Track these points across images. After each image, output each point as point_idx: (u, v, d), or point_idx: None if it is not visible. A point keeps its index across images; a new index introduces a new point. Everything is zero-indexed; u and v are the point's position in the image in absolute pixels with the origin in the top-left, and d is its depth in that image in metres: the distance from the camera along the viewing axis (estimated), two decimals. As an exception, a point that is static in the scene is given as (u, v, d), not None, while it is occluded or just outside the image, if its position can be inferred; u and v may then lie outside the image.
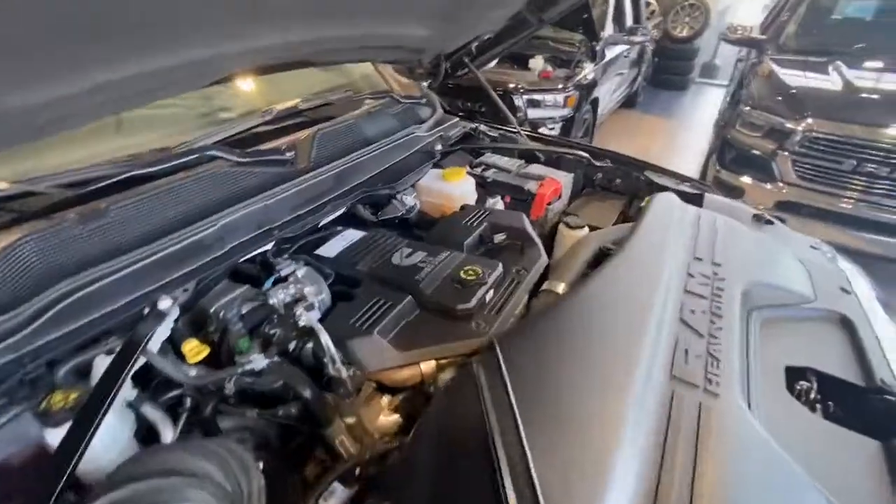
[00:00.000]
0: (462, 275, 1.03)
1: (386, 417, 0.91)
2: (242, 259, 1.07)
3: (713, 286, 1.03)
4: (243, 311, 0.95)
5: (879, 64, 3.21)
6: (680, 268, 1.07)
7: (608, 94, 4.87)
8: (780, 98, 3.09)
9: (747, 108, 3.19)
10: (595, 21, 4.12)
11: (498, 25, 1.69)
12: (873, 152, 2.69)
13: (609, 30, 4.40)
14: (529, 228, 1.28)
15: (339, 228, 1.32)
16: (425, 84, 1.88)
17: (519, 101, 3.62)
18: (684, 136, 5.97)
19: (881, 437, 0.82)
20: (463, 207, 1.43)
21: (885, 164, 2.67)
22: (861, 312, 1.11)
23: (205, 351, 0.86)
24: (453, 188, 1.50)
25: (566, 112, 3.77)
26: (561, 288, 1.08)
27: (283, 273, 1.04)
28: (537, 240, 1.25)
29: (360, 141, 1.49)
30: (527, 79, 3.76)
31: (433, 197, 1.53)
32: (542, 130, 3.70)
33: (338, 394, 0.88)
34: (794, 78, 3.21)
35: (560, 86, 3.72)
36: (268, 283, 1.03)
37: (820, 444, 0.81)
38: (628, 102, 6.58)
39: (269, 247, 1.13)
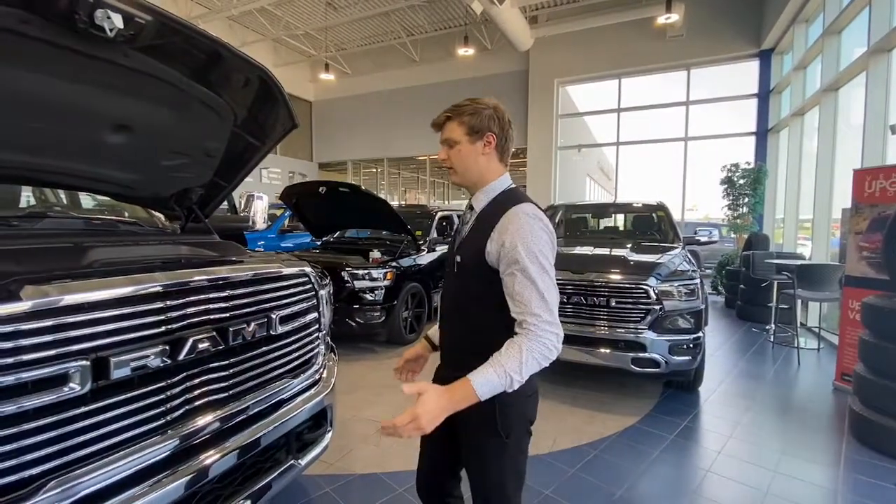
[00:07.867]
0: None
1: None
2: None
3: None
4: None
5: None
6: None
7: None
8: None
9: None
10: (421, 229, 5.60)
11: (195, 183, 2.18)
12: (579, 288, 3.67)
13: (434, 234, 5.88)
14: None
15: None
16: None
17: (345, 274, 4.59)
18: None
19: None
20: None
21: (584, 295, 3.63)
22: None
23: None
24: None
25: (387, 283, 4.73)
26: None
27: None
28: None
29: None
30: (361, 263, 4.83)
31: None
32: (367, 297, 4.59)
33: None
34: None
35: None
36: None
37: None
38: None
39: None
